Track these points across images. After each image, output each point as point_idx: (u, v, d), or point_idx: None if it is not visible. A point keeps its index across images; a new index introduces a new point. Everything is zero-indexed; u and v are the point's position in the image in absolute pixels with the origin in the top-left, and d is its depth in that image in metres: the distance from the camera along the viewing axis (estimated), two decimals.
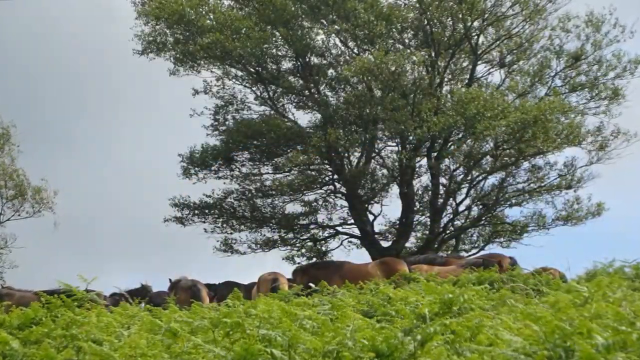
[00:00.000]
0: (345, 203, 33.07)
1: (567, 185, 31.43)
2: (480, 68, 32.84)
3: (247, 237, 33.01)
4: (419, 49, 30.97)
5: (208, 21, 31.18)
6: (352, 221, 32.84)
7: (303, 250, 33.22)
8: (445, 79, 31.84)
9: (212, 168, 32.81)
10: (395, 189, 32.59)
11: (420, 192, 33.13)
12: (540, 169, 31.91)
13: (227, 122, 33.31)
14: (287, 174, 32.61)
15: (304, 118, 33.28)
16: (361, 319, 9.32)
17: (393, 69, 29.16)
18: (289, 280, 20.26)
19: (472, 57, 32.03)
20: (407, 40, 32.07)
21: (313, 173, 32.64)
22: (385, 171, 32.75)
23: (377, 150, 32.53)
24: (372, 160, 32.53)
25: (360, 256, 32.74)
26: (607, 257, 14.82)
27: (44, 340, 9.28)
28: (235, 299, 13.78)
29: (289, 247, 33.09)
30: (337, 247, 33.31)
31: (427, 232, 32.26)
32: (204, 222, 32.83)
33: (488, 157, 31.60)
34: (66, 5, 62.66)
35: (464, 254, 30.85)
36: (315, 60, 32.46)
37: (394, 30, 31.23)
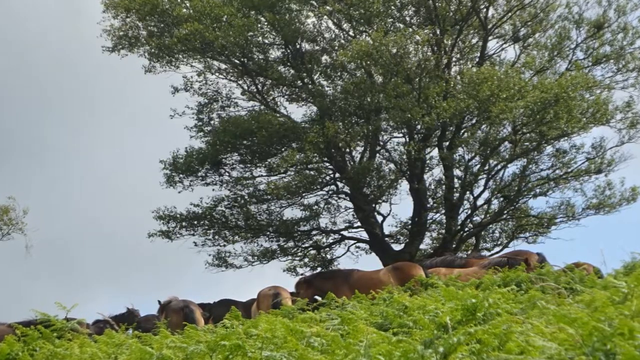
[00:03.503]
0: (349, 204, 33.12)
1: (596, 170, 31.45)
2: (492, 44, 32.96)
3: (242, 248, 33.08)
4: (422, 27, 30.99)
5: (184, 10, 31.23)
6: (359, 224, 32.87)
7: (306, 260, 33.26)
8: (454, 59, 31.87)
9: (199, 174, 32.83)
10: (404, 185, 32.65)
11: (433, 187, 33.15)
12: (565, 153, 31.93)
13: (212, 122, 33.39)
14: (283, 175, 32.61)
15: (298, 112, 33.47)
16: (375, 333, 9.34)
17: (394, 51, 29.17)
18: (291, 294, 20.33)
19: (481, 32, 32.05)
20: (408, 18, 32.10)
21: (312, 173, 32.61)
22: (392, 166, 32.78)
23: (382, 143, 32.56)
24: (377, 155, 32.58)
25: (370, 262, 32.78)
26: None
27: None
28: (233, 318, 13.83)
29: (289, 257, 33.12)
30: (343, 254, 33.43)
31: (444, 231, 32.29)
32: (193, 234, 32.86)
33: (506, 143, 31.59)
34: (27, 1, 62.72)
35: (486, 253, 30.91)
36: (306, 46, 32.52)
37: (392, 7, 31.26)
